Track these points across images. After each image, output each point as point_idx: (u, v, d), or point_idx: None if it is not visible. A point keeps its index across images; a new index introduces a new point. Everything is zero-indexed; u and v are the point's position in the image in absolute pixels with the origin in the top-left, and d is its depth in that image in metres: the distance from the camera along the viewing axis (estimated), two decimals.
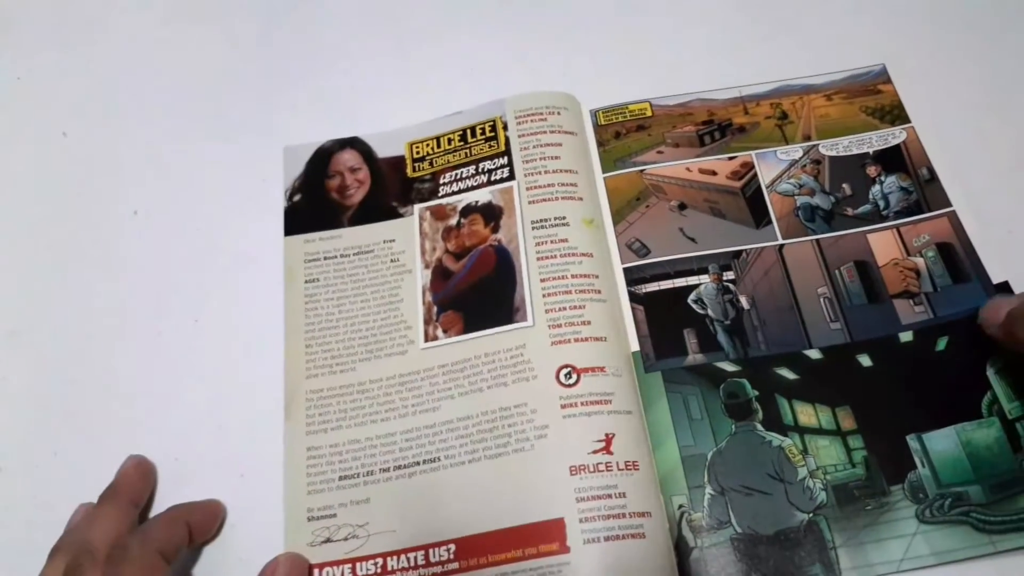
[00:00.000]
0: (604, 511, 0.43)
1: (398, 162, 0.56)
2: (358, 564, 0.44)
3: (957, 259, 0.50)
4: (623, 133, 0.57)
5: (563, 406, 0.46)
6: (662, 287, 0.51)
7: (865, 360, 0.48)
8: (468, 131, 0.56)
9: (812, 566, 0.42)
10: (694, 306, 0.50)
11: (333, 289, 0.52)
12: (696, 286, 0.51)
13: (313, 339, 0.50)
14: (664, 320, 0.50)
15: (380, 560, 0.44)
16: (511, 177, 0.54)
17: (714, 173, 0.55)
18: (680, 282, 0.51)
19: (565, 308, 0.49)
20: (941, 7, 0.61)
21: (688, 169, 0.55)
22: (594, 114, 0.58)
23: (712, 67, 0.59)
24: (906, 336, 0.48)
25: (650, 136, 0.57)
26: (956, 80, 0.58)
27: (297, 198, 0.55)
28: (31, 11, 0.67)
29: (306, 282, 0.52)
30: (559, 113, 0.56)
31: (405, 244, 0.53)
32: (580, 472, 0.44)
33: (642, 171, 0.55)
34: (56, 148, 0.60)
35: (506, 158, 0.54)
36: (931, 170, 0.53)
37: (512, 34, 0.62)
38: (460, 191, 0.54)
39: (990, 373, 0.46)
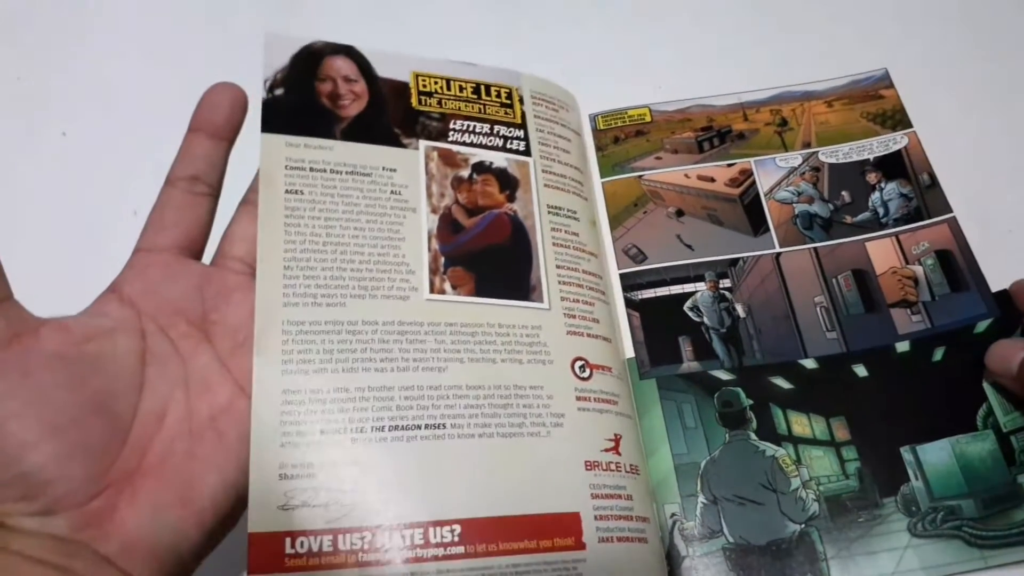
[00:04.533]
0: (616, 511, 0.42)
1: (401, 88, 0.50)
2: (340, 536, 0.37)
3: (956, 267, 0.49)
4: (622, 138, 0.57)
5: (578, 398, 0.44)
6: (658, 294, 0.51)
7: (861, 370, 0.48)
8: (483, 87, 0.52)
9: None
10: (690, 313, 0.50)
11: (321, 207, 0.44)
12: (692, 293, 0.51)
13: (294, 260, 0.42)
14: (659, 327, 0.50)
15: (368, 534, 0.37)
16: (527, 153, 0.51)
17: (712, 180, 0.55)
18: (676, 289, 0.51)
19: (578, 301, 0.47)
20: (943, 10, 0.61)
21: (686, 176, 0.55)
22: (593, 118, 0.58)
23: (712, 73, 0.59)
24: (903, 346, 0.48)
25: (649, 142, 0.57)
26: (959, 83, 0.58)
27: (279, 92, 0.47)
28: (31, 11, 0.67)
29: (287, 192, 0.44)
30: (568, 110, 0.55)
31: (408, 179, 0.47)
32: (595, 468, 0.42)
33: (640, 177, 0.55)
34: (56, 148, 0.61)
35: (522, 132, 0.51)
36: (932, 175, 0.53)
37: (511, 36, 0.62)
38: (473, 144, 0.50)
39: (986, 385, 0.46)
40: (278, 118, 0.46)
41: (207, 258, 0.41)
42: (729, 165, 0.55)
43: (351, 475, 0.38)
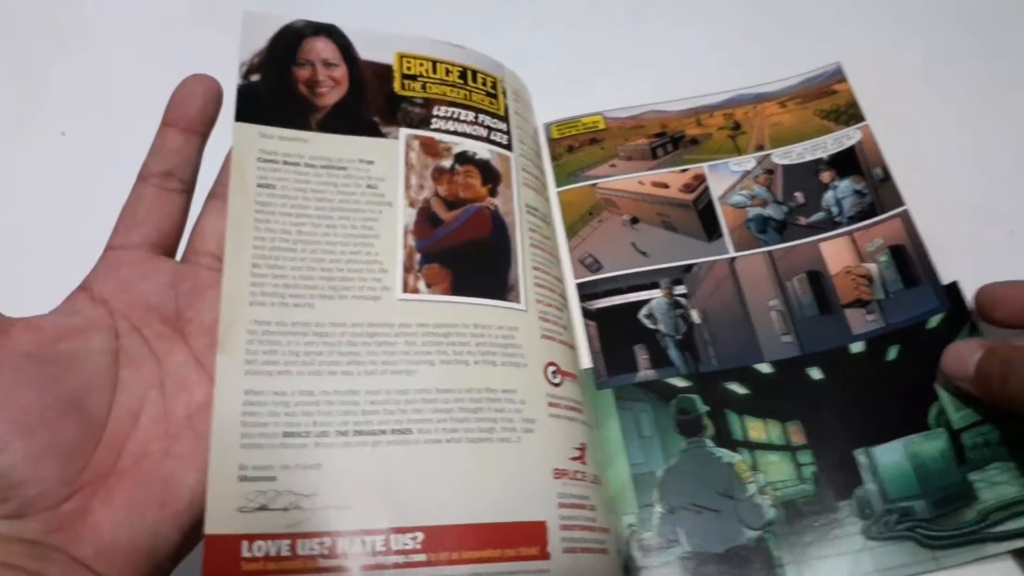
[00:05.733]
0: (581, 521, 0.41)
1: (384, 72, 0.48)
2: (300, 542, 0.36)
3: (909, 261, 0.49)
4: (576, 147, 0.57)
5: (550, 404, 0.43)
6: (614, 302, 0.51)
7: (816, 373, 0.48)
8: (469, 72, 0.50)
9: None
10: (645, 321, 0.50)
11: (292, 203, 0.43)
12: (647, 301, 0.51)
13: (263, 258, 0.41)
14: (615, 336, 0.50)
15: (328, 539, 0.36)
16: (509, 147, 0.49)
17: (666, 186, 0.55)
18: (632, 297, 0.51)
19: (551, 305, 0.47)
20: (895, 1, 0.61)
21: (640, 182, 0.55)
22: (547, 127, 0.58)
23: (666, 78, 0.59)
24: (857, 347, 0.48)
25: (603, 149, 0.57)
26: (910, 74, 0.58)
27: (255, 78, 0.45)
28: (31, 11, 0.67)
29: (259, 186, 0.42)
30: (532, 113, 0.55)
31: (386, 171, 0.45)
32: (563, 477, 0.42)
33: (595, 185, 0.55)
34: (56, 148, 0.60)
35: (505, 125, 0.50)
36: (885, 169, 0.53)
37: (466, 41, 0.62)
38: (456, 133, 0.48)
39: (938, 383, 0.45)
40: (253, 106, 0.44)
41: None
42: (683, 171, 0.55)
43: (312, 479, 0.37)
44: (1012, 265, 0.46)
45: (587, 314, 0.51)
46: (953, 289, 0.47)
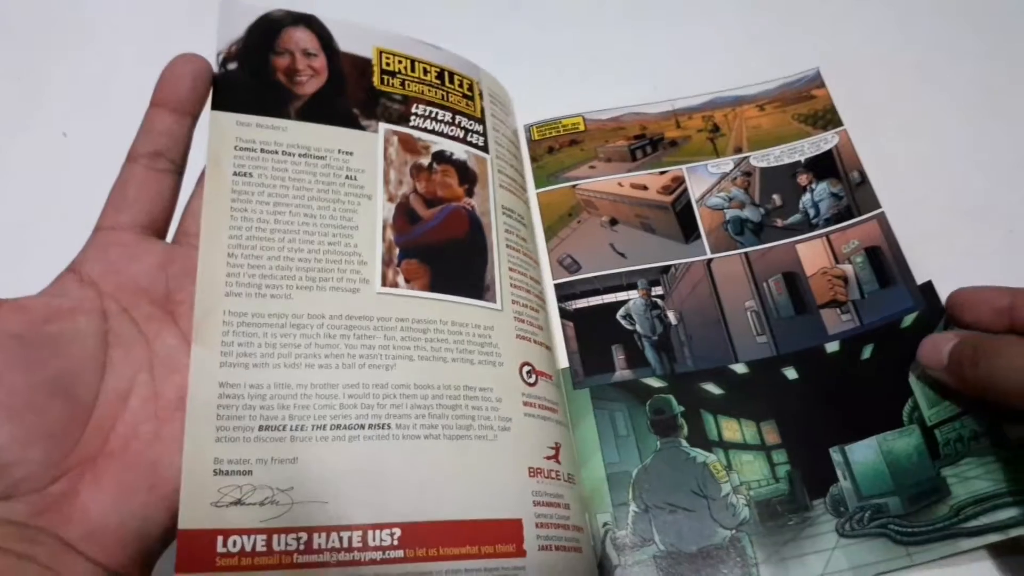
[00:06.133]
0: (556, 519, 0.42)
1: (363, 65, 0.47)
2: (276, 537, 0.36)
3: (884, 262, 0.49)
4: (556, 148, 0.57)
5: (525, 403, 0.43)
6: (591, 303, 0.51)
7: (791, 373, 0.48)
8: (447, 73, 0.50)
9: None
10: (622, 322, 0.50)
11: (270, 191, 0.42)
12: (625, 302, 0.51)
13: (239, 248, 0.40)
14: (593, 336, 0.50)
15: (304, 535, 0.36)
16: (486, 149, 0.50)
17: (645, 188, 0.55)
18: (609, 298, 0.51)
19: (527, 306, 0.47)
20: (874, 6, 0.61)
21: (620, 184, 0.55)
22: (528, 129, 0.58)
23: (646, 80, 0.59)
24: (832, 347, 0.48)
25: (583, 151, 0.57)
26: (887, 78, 0.58)
27: (232, 67, 0.44)
28: (31, 11, 0.67)
29: (235, 174, 0.42)
30: (512, 116, 0.55)
31: (365, 163, 0.45)
32: (538, 475, 0.42)
33: (574, 186, 0.55)
34: (56, 148, 0.60)
35: (482, 127, 0.50)
36: (862, 173, 0.53)
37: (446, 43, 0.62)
38: (434, 132, 0.48)
39: (912, 379, 0.46)
40: (230, 95, 0.43)
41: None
42: (662, 173, 0.55)
43: (289, 474, 0.37)
44: (997, 266, 0.47)
45: (565, 314, 0.51)
46: (928, 288, 0.48)
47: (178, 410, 0.36)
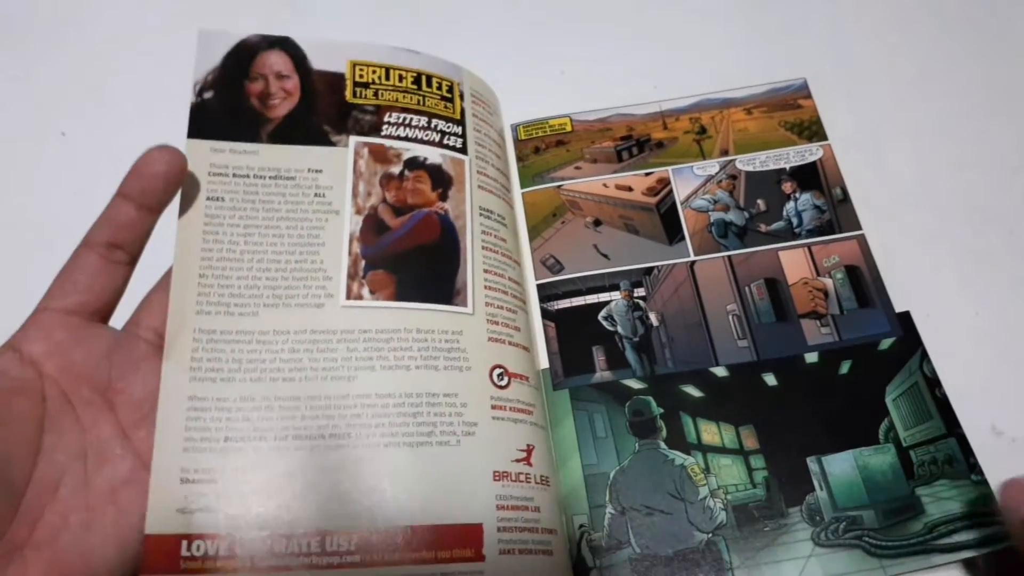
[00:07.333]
0: (521, 523, 0.42)
1: (336, 81, 0.48)
2: (238, 542, 0.38)
3: (864, 283, 0.50)
4: (542, 148, 0.57)
5: (494, 407, 0.44)
6: (574, 304, 0.51)
7: (770, 379, 0.48)
8: (424, 77, 0.50)
9: None
10: (604, 323, 0.50)
11: (241, 214, 0.43)
12: (607, 303, 0.51)
13: (210, 268, 0.42)
14: (574, 337, 0.50)
15: (266, 540, 0.38)
16: (464, 151, 0.50)
17: (630, 189, 0.55)
18: (592, 299, 0.51)
19: (502, 308, 0.47)
20: (863, 26, 0.62)
21: (605, 185, 0.55)
22: (515, 128, 0.58)
23: (634, 81, 0.59)
24: (811, 357, 0.48)
25: (569, 152, 0.57)
26: (872, 101, 0.58)
27: (208, 96, 0.46)
28: (31, 11, 0.66)
29: (208, 199, 0.43)
30: (498, 115, 0.55)
31: (334, 179, 0.46)
32: (503, 479, 0.42)
33: (559, 187, 0.55)
34: (56, 148, 0.59)
35: (461, 128, 0.50)
36: (844, 190, 0.53)
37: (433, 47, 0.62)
38: (407, 139, 0.48)
39: (888, 400, 0.46)
40: (205, 123, 0.45)
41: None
42: (647, 174, 0.55)
43: (252, 482, 0.39)
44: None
45: (546, 315, 0.51)
46: (905, 317, 0.48)
47: (110, 502, 0.35)
